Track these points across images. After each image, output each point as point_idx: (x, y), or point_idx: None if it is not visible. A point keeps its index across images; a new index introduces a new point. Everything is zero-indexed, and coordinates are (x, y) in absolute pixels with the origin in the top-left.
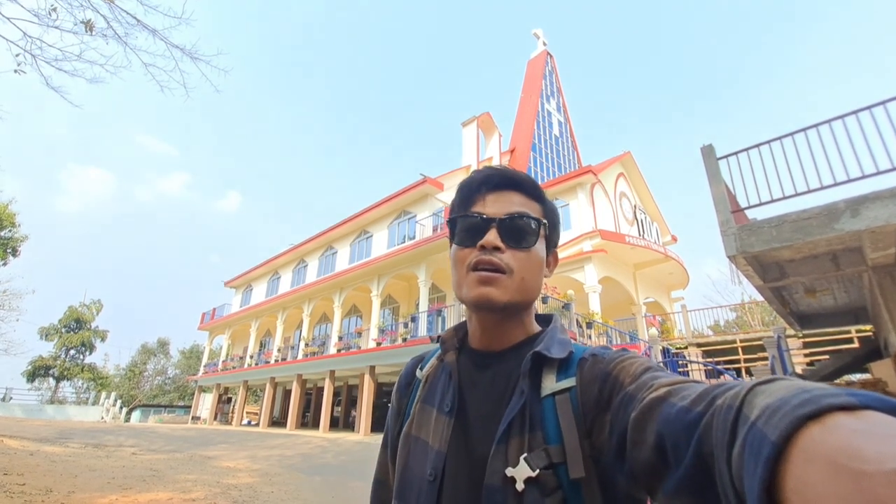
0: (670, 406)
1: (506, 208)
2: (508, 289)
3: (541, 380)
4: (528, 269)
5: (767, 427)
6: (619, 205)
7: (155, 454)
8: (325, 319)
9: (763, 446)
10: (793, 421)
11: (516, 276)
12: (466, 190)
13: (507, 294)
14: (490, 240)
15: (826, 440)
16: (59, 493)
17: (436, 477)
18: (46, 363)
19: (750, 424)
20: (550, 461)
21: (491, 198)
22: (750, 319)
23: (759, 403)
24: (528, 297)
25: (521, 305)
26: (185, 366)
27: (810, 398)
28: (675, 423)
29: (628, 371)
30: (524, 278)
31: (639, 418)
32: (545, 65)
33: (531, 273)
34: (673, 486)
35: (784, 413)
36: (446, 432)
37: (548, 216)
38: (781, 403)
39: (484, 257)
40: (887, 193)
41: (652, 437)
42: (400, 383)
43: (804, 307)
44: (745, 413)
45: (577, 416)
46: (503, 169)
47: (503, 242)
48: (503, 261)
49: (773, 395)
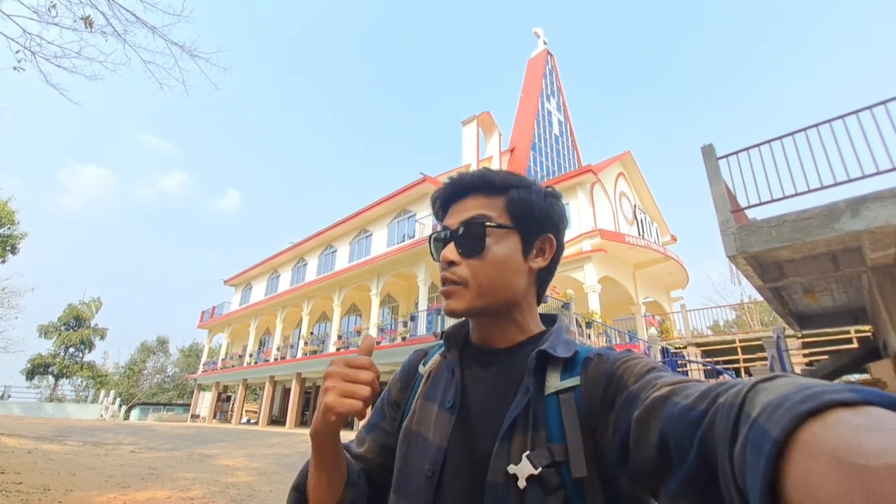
0: (673, 405)
1: (460, 217)
2: (465, 298)
3: (545, 378)
4: (482, 274)
5: (769, 424)
6: (619, 204)
7: (153, 452)
8: (324, 318)
9: (765, 443)
10: (794, 417)
11: (472, 284)
12: (434, 207)
13: (464, 303)
14: (445, 255)
15: (827, 436)
16: (57, 492)
17: (434, 472)
18: (45, 361)
19: (752, 422)
20: (553, 459)
21: (452, 209)
22: (749, 319)
23: (760, 400)
24: (498, 298)
25: (489, 309)
26: (184, 364)
27: (811, 394)
28: (678, 421)
29: (632, 371)
30: (481, 284)
31: (642, 417)
32: (545, 64)
33: (488, 277)
34: (676, 485)
35: (785, 409)
36: (447, 429)
37: (511, 206)
38: (783, 400)
39: (443, 273)
40: (887, 194)
41: (655, 436)
42: (401, 375)
43: (803, 307)
44: (746, 410)
45: (581, 416)
46: (461, 176)
47: (460, 254)
48: (457, 274)
49: (775, 392)
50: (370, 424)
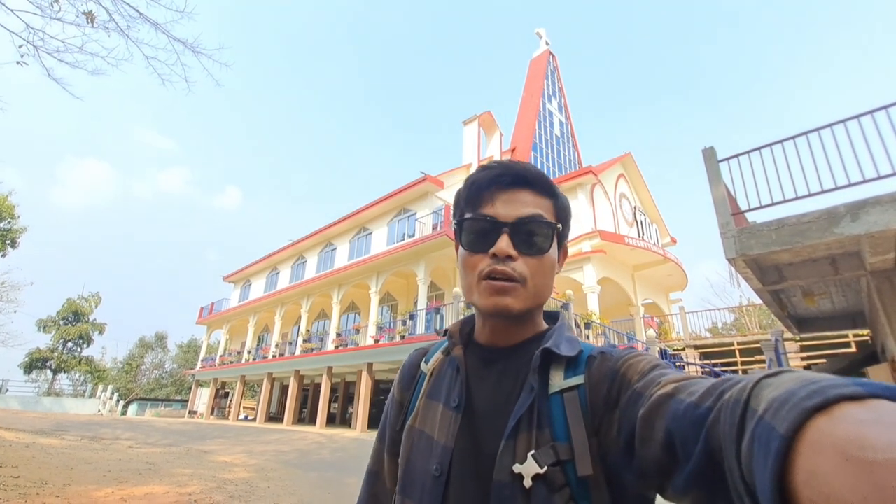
0: (678, 402)
1: (517, 210)
2: (522, 297)
3: (549, 377)
4: (541, 274)
5: (776, 420)
6: (619, 206)
7: (151, 448)
8: (323, 316)
9: (772, 439)
10: (801, 413)
11: (530, 284)
12: (475, 188)
13: (522, 303)
14: (502, 248)
15: (834, 431)
16: (55, 486)
17: (442, 472)
18: (44, 355)
19: (758, 418)
20: (558, 458)
21: (501, 198)
22: (747, 322)
23: (766, 396)
24: (541, 300)
25: (534, 309)
26: (182, 360)
27: (817, 389)
28: (684, 419)
29: (636, 368)
30: (537, 285)
31: (647, 415)
32: (547, 64)
33: (545, 278)
34: (682, 482)
35: (792, 405)
36: (453, 427)
37: (559, 214)
38: (789, 395)
39: (497, 267)
40: (888, 198)
41: (660, 433)
42: (403, 375)
43: (802, 311)
44: (752, 407)
45: (586, 414)
46: (513, 164)
47: (516, 249)
48: (516, 270)
49: (780, 388)
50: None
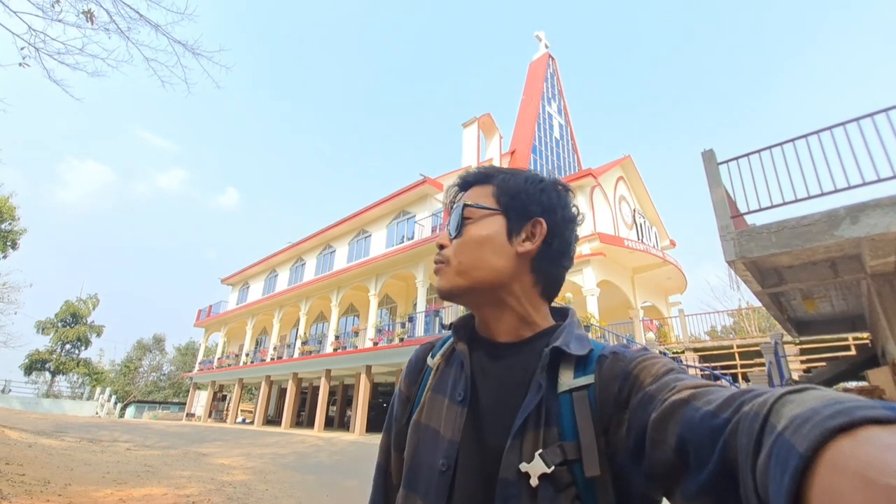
0: (694, 409)
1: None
2: (447, 275)
3: (558, 375)
4: (461, 252)
5: (795, 438)
6: (619, 208)
7: (149, 450)
8: (322, 318)
9: (791, 457)
10: (823, 433)
11: (452, 262)
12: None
13: (446, 280)
14: (437, 241)
15: (857, 453)
16: (57, 485)
17: (448, 467)
18: (43, 357)
19: (777, 434)
20: (565, 458)
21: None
22: (747, 325)
23: (787, 413)
24: (476, 278)
25: (473, 289)
26: (180, 362)
27: (842, 409)
28: (700, 427)
29: (650, 371)
30: (461, 262)
31: (660, 419)
32: (547, 67)
33: (465, 255)
34: (694, 489)
35: (814, 424)
36: (459, 422)
37: (498, 192)
38: (811, 414)
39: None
40: (888, 201)
41: (673, 438)
42: (409, 370)
43: (802, 314)
44: (772, 422)
45: (595, 414)
46: (458, 176)
47: (450, 239)
48: (441, 254)
49: (803, 405)
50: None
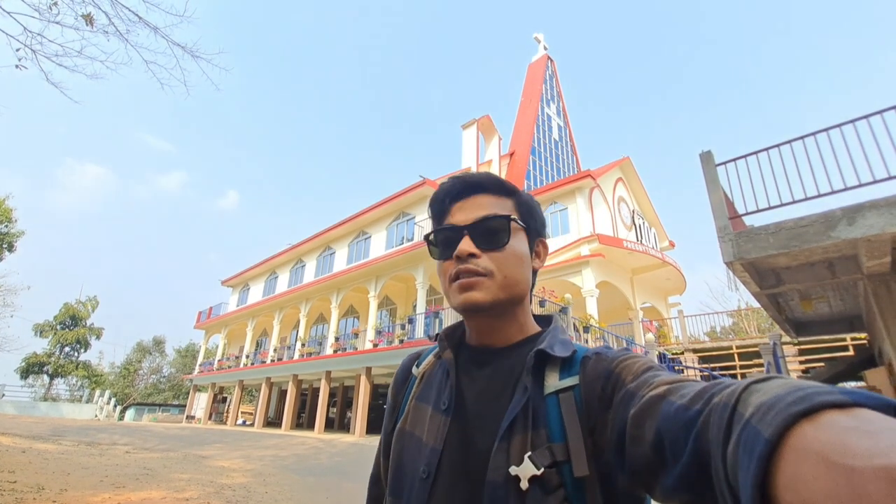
0: (669, 404)
1: (473, 213)
2: (490, 289)
3: (544, 378)
4: (507, 266)
5: (761, 424)
6: (618, 210)
7: (149, 453)
8: (321, 320)
9: (757, 443)
10: (786, 418)
11: (497, 275)
12: (436, 205)
13: (489, 294)
14: (463, 248)
15: (818, 437)
16: (51, 491)
17: (429, 474)
18: (40, 360)
19: (745, 422)
20: (554, 459)
21: (457, 206)
22: (746, 326)
23: (753, 401)
24: (515, 293)
25: (508, 302)
26: (180, 364)
27: (804, 396)
28: (674, 420)
29: (630, 369)
30: (506, 276)
31: (638, 415)
32: (546, 69)
33: (511, 269)
34: (671, 483)
35: (778, 411)
36: (442, 430)
37: (520, 208)
38: (775, 401)
39: (461, 266)
40: (883, 202)
41: (651, 434)
42: (396, 379)
43: (800, 314)
44: (739, 411)
45: (581, 415)
46: (464, 175)
47: (477, 248)
48: (480, 265)
49: (768, 394)
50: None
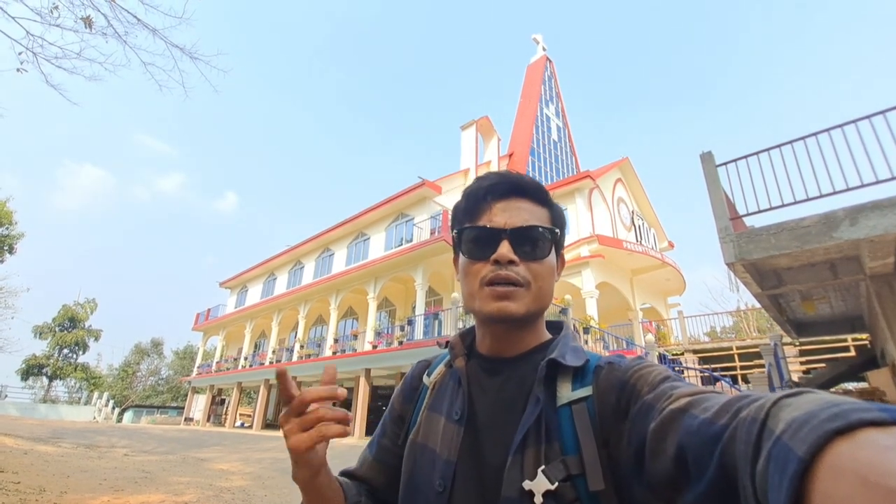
0: (692, 418)
1: (515, 218)
2: (525, 301)
3: (556, 388)
4: (543, 279)
5: (794, 441)
6: (617, 210)
7: (147, 455)
8: (320, 321)
9: (789, 461)
10: (821, 436)
11: (533, 287)
12: (472, 199)
13: (524, 307)
14: (504, 253)
15: (856, 456)
16: (52, 493)
17: (445, 488)
18: (40, 362)
19: (775, 438)
20: (569, 473)
21: (499, 207)
22: (746, 327)
23: (784, 417)
24: (543, 306)
25: (538, 314)
26: (178, 366)
27: (839, 412)
28: (698, 435)
29: (646, 380)
30: (541, 288)
31: (658, 429)
32: (544, 70)
33: (546, 283)
34: (694, 499)
35: (812, 427)
36: (456, 441)
37: (556, 221)
38: (809, 417)
39: (501, 272)
40: (886, 203)
41: (672, 448)
42: (405, 387)
43: (801, 315)
44: (770, 426)
45: (595, 426)
46: (509, 174)
47: (516, 255)
48: (519, 274)
49: (800, 409)
50: (373, 442)
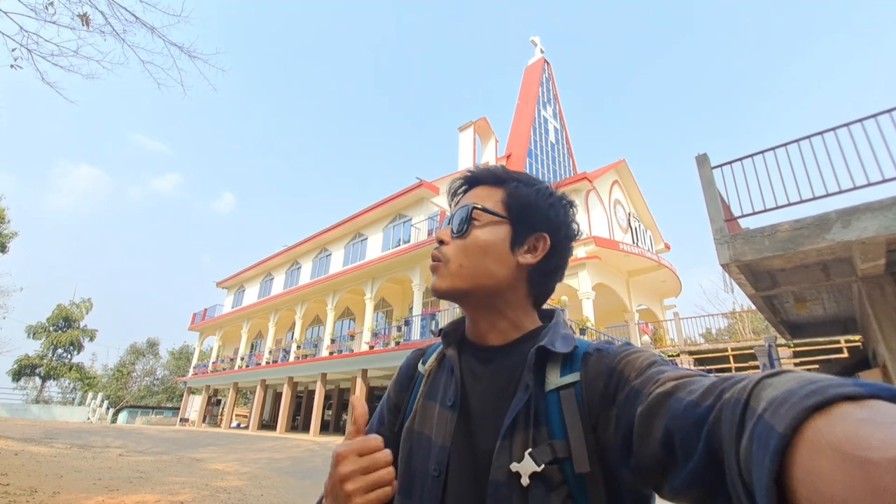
0: (678, 401)
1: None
2: (445, 276)
3: (545, 374)
4: (465, 254)
5: (775, 419)
6: (614, 212)
7: (142, 456)
8: (317, 322)
9: (771, 438)
10: (800, 412)
11: (452, 263)
12: (449, 198)
13: (444, 281)
14: (438, 235)
15: (832, 430)
16: (44, 494)
17: (440, 472)
18: (33, 362)
19: (757, 417)
20: (555, 456)
21: (460, 200)
22: (741, 328)
23: (766, 396)
24: (478, 283)
25: (469, 292)
26: (174, 367)
27: (816, 389)
28: (684, 418)
29: (634, 365)
30: (461, 265)
31: (646, 413)
32: (542, 72)
33: (470, 258)
34: (681, 481)
35: (791, 405)
36: (450, 427)
37: (507, 199)
38: (788, 395)
39: (432, 252)
40: (878, 205)
41: (659, 432)
42: (400, 376)
43: (795, 316)
44: (752, 406)
45: (582, 411)
46: (467, 170)
47: (451, 236)
48: (441, 251)
49: (780, 388)
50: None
